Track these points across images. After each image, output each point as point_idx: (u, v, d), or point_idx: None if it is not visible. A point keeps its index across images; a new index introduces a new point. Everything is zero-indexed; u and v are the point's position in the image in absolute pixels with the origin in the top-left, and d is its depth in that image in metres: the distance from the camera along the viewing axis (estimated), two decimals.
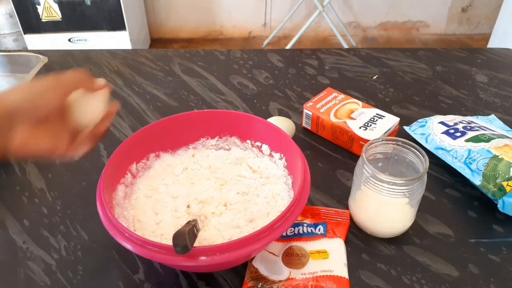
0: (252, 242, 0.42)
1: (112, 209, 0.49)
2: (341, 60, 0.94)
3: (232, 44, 2.70)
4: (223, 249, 0.41)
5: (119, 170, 0.55)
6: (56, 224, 0.57)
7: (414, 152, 0.52)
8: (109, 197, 0.50)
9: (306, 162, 0.52)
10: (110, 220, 0.45)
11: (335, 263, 0.50)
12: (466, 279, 0.50)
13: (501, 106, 0.79)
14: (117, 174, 0.54)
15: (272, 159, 0.60)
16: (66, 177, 0.65)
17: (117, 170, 0.54)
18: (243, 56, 0.96)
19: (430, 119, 0.70)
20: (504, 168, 0.55)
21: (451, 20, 2.72)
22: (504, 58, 0.94)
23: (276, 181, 0.57)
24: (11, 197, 0.62)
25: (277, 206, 0.53)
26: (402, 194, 0.50)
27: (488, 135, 0.61)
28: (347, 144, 0.68)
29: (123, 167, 0.56)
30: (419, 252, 0.53)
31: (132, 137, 0.57)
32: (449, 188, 0.61)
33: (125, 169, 0.56)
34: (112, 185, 0.53)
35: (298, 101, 0.81)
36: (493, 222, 0.56)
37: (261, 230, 0.42)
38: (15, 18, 2.12)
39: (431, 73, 0.89)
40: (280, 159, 0.58)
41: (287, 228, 0.45)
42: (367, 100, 0.80)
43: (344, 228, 0.54)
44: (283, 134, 0.57)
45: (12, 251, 0.54)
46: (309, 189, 0.49)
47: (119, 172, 0.55)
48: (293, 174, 0.55)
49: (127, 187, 0.56)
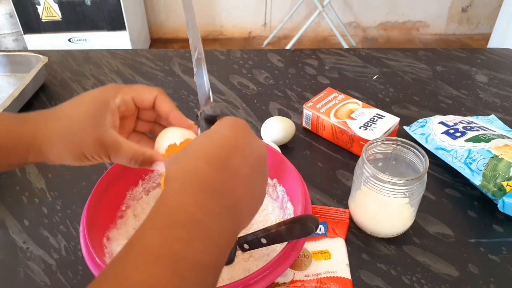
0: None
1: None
2: (341, 60, 0.94)
3: (232, 44, 2.70)
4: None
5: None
6: (56, 224, 0.57)
7: (414, 152, 0.52)
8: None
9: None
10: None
11: (337, 264, 0.50)
12: (466, 279, 0.50)
13: (501, 106, 0.79)
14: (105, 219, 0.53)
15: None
16: (66, 177, 0.65)
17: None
18: (243, 56, 0.96)
19: (430, 119, 0.70)
20: (504, 168, 0.55)
21: (451, 20, 2.72)
22: (504, 58, 0.94)
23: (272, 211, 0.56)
24: (11, 197, 0.62)
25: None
26: (402, 194, 0.50)
27: (488, 135, 0.61)
28: (347, 144, 0.68)
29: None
30: (419, 252, 0.53)
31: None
32: (449, 188, 0.61)
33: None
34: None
35: (298, 101, 0.81)
36: (493, 222, 0.56)
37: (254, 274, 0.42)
38: (15, 18, 2.12)
39: (431, 73, 0.89)
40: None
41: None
42: (367, 100, 0.80)
43: (344, 226, 0.54)
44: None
45: (12, 251, 0.54)
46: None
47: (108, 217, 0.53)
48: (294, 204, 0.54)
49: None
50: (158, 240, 0.27)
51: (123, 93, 0.42)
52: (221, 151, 0.32)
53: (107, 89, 0.42)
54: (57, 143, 0.40)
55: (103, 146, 0.40)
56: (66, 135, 0.40)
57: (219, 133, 0.34)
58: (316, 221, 0.44)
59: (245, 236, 0.47)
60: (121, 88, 0.43)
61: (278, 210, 0.55)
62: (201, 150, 0.33)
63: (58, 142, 0.40)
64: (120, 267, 0.26)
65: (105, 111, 0.40)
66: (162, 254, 0.26)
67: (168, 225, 0.28)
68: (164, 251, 0.26)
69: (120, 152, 0.41)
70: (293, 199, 0.53)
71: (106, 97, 0.41)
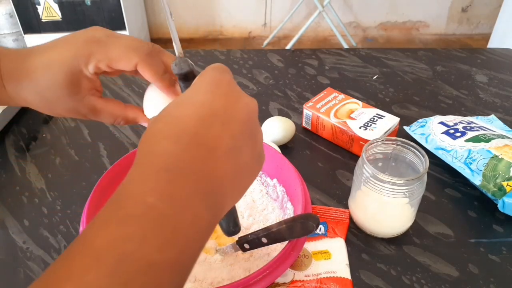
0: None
1: None
2: (341, 60, 0.94)
3: (232, 44, 2.70)
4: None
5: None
6: (56, 224, 0.57)
7: (414, 152, 0.52)
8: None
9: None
10: None
11: (337, 264, 0.50)
12: (466, 279, 0.50)
13: (501, 106, 0.79)
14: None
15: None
16: (66, 177, 0.65)
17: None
18: (243, 56, 0.96)
19: (430, 119, 0.70)
20: (504, 168, 0.55)
21: (451, 20, 2.72)
22: (504, 58, 0.94)
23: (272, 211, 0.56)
24: (11, 197, 0.62)
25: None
26: (402, 194, 0.50)
27: (488, 135, 0.61)
28: (347, 144, 0.68)
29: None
30: (419, 252, 0.53)
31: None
32: (449, 188, 0.61)
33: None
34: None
35: (298, 101, 0.81)
36: (493, 222, 0.56)
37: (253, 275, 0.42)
38: (15, 18, 2.12)
39: (431, 73, 0.89)
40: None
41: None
42: (367, 100, 0.80)
43: (344, 226, 0.54)
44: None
45: (12, 251, 0.54)
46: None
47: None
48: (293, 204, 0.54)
49: None
50: (103, 238, 0.23)
51: (97, 60, 0.38)
52: (193, 123, 0.27)
53: (77, 53, 0.37)
54: (30, 103, 0.39)
55: (81, 113, 0.39)
56: (40, 99, 0.38)
57: (192, 99, 0.28)
58: (316, 220, 0.44)
59: (245, 236, 0.47)
60: (93, 54, 0.37)
61: (278, 210, 0.55)
62: (169, 124, 0.27)
63: (31, 102, 0.39)
64: (53, 272, 0.22)
65: (78, 80, 0.38)
66: (103, 256, 0.22)
67: (119, 220, 0.23)
68: (107, 251, 0.22)
69: (99, 117, 0.40)
70: (293, 199, 0.53)
71: (77, 64, 0.37)
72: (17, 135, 0.74)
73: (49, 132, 0.74)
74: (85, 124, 0.75)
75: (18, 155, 0.69)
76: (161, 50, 0.40)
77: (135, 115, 0.42)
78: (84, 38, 0.38)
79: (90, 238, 0.23)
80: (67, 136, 0.73)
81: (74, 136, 0.73)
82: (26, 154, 0.70)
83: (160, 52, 0.40)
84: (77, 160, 0.68)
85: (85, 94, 0.39)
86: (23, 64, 0.38)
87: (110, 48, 0.37)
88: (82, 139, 0.72)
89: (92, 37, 0.38)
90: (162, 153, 0.26)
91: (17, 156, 0.69)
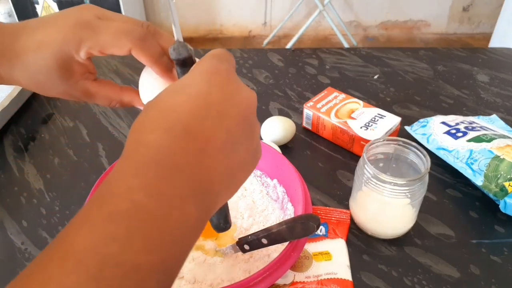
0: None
1: None
2: (342, 60, 0.94)
3: (232, 43, 2.69)
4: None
5: None
6: (54, 225, 0.57)
7: (416, 153, 0.52)
8: None
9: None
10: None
11: (338, 265, 0.49)
12: (468, 280, 0.49)
13: (502, 106, 0.78)
14: None
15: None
16: (64, 178, 0.65)
17: None
18: (243, 55, 0.96)
19: (432, 119, 0.69)
20: (506, 168, 0.55)
21: (452, 19, 2.72)
22: (505, 57, 0.94)
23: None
24: (9, 198, 0.61)
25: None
26: (404, 194, 0.49)
27: (490, 135, 0.61)
28: (347, 144, 0.67)
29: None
30: (420, 253, 0.52)
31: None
32: (451, 189, 0.61)
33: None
34: None
35: (298, 101, 0.81)
36: (495, 223, 0.56)
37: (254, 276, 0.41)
38: (14, 17, 2.12)
39: (432, 72, 0.89)
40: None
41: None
42: (368, 99, 0.80)
43: (344, 227, 0.54)
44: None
45: (10, 252, 0.54)
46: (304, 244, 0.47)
47: None
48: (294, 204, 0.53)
49: None
50: (85, 238, 0.21)
51: (88, 47, 0.36)
52: (187, 114, 0.25)
53: (66, 37, 0.36)
54: (23, 85, 0.38)
55: (74, 96, 0.39)
56: (32, 82, 0.38)
57: (189, 87, 0.27)
58: (317, 220, 0.44)
59: (245, 237, 0.47)
60: (84, 40, 0.36)
61: (279, 210, 0.55)
62: (162, 112, 0.26)
63: (23, 84, 0.38)
64: (30, 275, 0.21)
65: (70, 65, 0.37)
66: (85, 258, 0.20)
67: (104, 218, 0.22)
68: (89, 253, 0.21)
69: (93, 100, 0.40)
70: (294, 200, 0.53)
71: (68, 50, 0.36)
72: (15, 135, 0.73)
73: (47, 132, 0.74)
74: (83, 124, 0.75)
75: (17, 155, 0.69)
76: (157, 31, 0.38)
77: (131, 98, 0.41)
78: (74, 21, 0.36)
79: (71, 237, 0.22)
80: (66, 136, 0.73)
81: (72, 136, 0.73)
82: (25, 154, 0.69)
83: (156, 34, 0.38)
84: (76, 160, 0.68)
85: (78, 79, 0.38)
86: (13, 44, 0.37)
87: (101, 34, 0.36)
88: (80, 139, 0.72)
89: (82, 21, 0.36)
90: (153, 143, 0.24)
91: (16, 156, 0.69)
